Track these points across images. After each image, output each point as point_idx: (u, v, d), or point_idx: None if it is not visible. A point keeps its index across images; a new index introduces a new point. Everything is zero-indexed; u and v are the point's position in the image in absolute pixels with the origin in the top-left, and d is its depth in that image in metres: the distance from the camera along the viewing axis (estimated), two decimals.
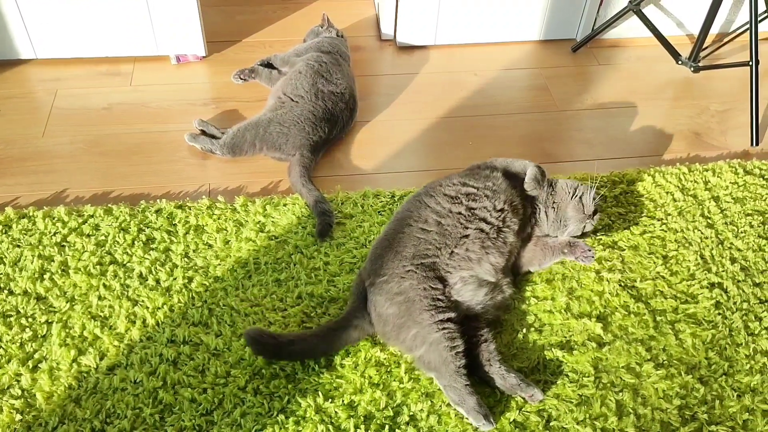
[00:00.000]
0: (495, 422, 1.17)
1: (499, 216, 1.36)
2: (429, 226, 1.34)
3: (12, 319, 1.32)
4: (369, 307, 1.29)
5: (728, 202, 1.64)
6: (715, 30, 2.21)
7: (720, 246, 1.53)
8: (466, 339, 1.24)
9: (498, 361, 1.23)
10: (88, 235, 1.48)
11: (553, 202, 1.43)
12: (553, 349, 1.31)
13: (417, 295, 1.25)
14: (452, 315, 1.25)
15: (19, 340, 1.28)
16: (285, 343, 1.25)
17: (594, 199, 1.43)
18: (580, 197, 1.43)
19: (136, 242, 1.47)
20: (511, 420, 1.20)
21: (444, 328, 1.22)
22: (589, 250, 1.37)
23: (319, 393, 1.22)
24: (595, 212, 1.44)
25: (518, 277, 1.44)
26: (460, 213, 1.35)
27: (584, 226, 1.43)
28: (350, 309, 1.31)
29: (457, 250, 1.31)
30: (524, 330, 1.35)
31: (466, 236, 1.33)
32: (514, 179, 1.44)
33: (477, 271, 1.31)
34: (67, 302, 1.35)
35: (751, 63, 1.83)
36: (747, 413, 1.23)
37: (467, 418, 1.18)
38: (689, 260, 1.49)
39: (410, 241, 1.32)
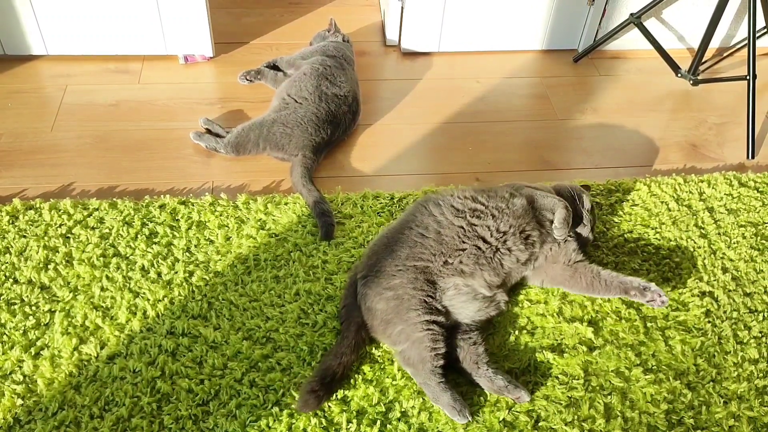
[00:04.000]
0: (470, 416, 1.20)
1: (501, 237, 1.35)
2: (428, 233, 1.35)
3: (16, 306, 1.35)
4: (359, 300, 1.32)
5: (722, 213, 1.66)
6: (714, 44, 2.24)
7: (712, 256, 1.56)
8: (455, 341, 1.27)
9: (485, 364, 1.25)
10: (93, 228, 1.52)
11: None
12: (544, 351, 1.34)
13: (406, 294, 1.27)
14: (439, 318, 1.27)
15: (23, 328, 1.31)
16: (335, 377, 1.22)
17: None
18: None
19: (139, 236, 1.51)
20: (501, 419, 1.22)
21: (428, 329, 1.24)
22: (663, 295, 1.32)
23: None
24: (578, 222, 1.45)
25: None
26: (461, 227, 1.35)
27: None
28: (346, 308, 1.34)
29: (451, 261, 1.32)
30: (516, 332, 1.37)
31: (462, 250, 1.33)
32: (536, 210, 1.42)
33: (471, 283, 1.32)
34: (70, 292, 1.38)
35: (748, 77, 1.86)
36: (733, 420, 1.25)
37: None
38: (681, 269, 1.52)
39: (407, 243, 1.34)
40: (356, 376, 1.27)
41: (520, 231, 1.37)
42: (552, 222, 1.41)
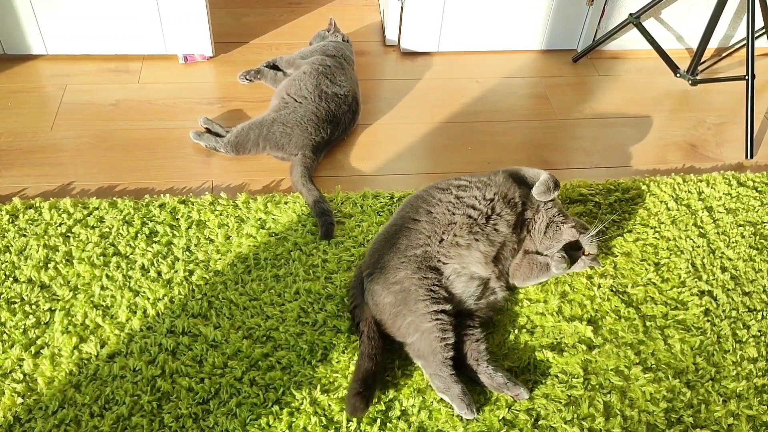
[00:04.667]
0: (477, 412, 1.20)
1: (489, 204, 1.39)
2: (420, 216, 1.39)
3: (16, 305, 1.35)
4: (366, 297, 1.33)
5: (721, 212, 1.67)
6: (713, 44, 2.25)
7: (711, 255, 1.56)
8: (457, 336, 1.27)
9: (486, 361, 1.26)
10: (93, 227, 1.52)
11: (553, 218, 1.43)
12: (543, 350, 1.34)
13: (412, 285, 1.29)
14: (447, 307, 1.28)
15: (23, 327, 1.31)
16: (375, 378, 1.22)
17: (592, 242, 1.42)
18: (589, 235, 1.41)
19: (139, 235, 1.51)
20: (501, 417, 1.22)
21: (437, 319, 1.25)
22: (563, 257, 1.37)
23: (315, 386, 1.25)
24: (580, 249, 1.41)
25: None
26: (449, 201, 1.39)
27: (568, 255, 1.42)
28: (358, 308, 1.34)
29: (446, 237, 1.35)
30: (516, 331, 1.37)
31: (454, 222, 1.37)
32: (523, 184, 1.47)
33: (467, 261, 1.35)
34: (70, 291, 1.38)
35: (746, 77, 1.86)
36: (732, 418, 1.26)
37: (451, 406, 1.22)
38: (680, 268, 1.52)
39: (404, 233, 1.37)
40: None
41: (503, 196, 1.41)
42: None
